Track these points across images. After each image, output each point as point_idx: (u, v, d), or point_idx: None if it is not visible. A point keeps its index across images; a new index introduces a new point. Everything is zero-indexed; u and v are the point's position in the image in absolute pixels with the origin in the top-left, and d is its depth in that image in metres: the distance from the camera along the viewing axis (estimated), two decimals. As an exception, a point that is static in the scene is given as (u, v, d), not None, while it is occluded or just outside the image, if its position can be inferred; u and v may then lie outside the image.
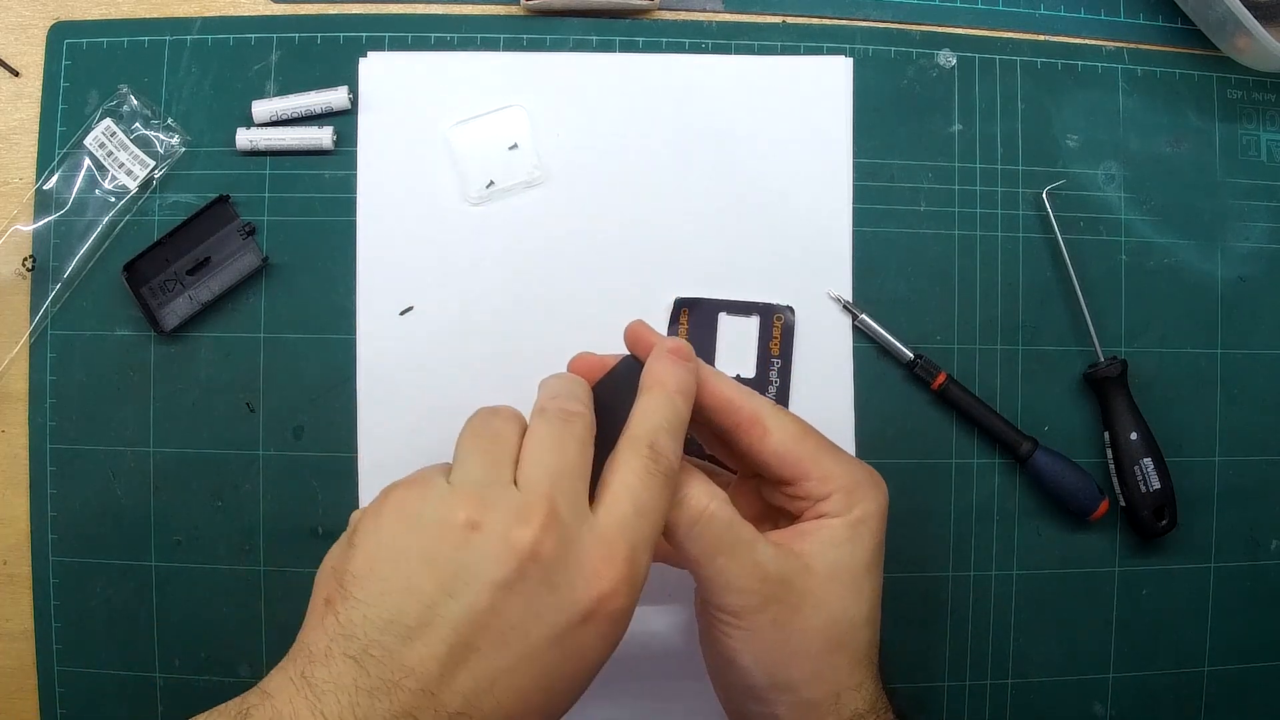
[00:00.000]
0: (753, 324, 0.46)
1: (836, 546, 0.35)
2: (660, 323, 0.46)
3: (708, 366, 0.36)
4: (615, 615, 0.29)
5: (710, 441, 0.39)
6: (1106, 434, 0.47)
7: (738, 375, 0.46)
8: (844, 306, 0.46)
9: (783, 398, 0.46)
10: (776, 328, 0.46)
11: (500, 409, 0.33)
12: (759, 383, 0.46)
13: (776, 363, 0.46)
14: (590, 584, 0.28)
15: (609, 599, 0.28)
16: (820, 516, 0.35)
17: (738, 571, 0.33)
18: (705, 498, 0.33)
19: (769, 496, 0.38)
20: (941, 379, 0.46)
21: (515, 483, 0.30)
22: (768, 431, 0.35)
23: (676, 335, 0.46)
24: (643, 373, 0.34)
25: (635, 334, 0.36)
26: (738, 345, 0.46)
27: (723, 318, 0.46)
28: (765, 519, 0.38)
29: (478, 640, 0.27)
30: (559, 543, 0.28)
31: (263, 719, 0.26)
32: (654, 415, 0.32)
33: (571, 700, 0.30)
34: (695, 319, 0.46)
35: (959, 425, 0.47)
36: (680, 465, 0.33)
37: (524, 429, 0.32)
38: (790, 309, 0.46)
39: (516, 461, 0.30)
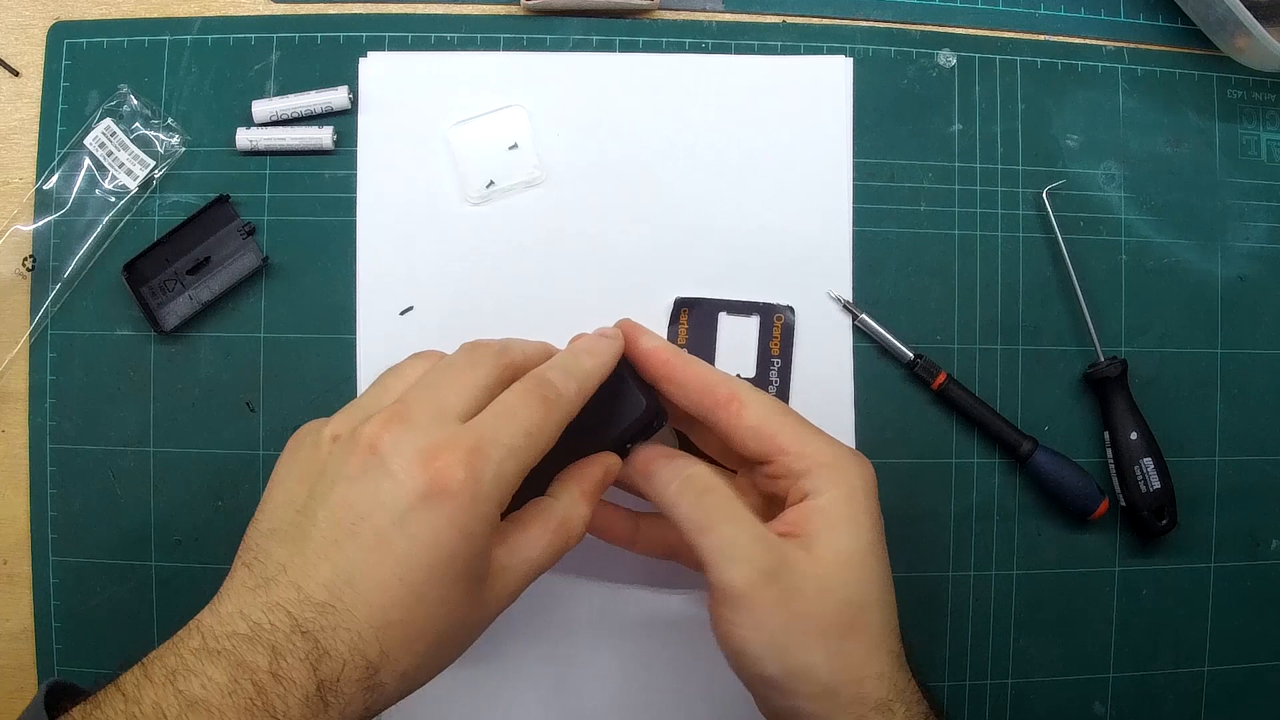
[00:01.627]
0: (753, 324, 0.46)
1: (835, 528, 0.34)
2: (660, 322, 0.46)
3: (684, 353, 0.38)
4: (455, 494, 0.29)
5: (699, 432, 0.40)
6: (1106, 434, 0.47)
7: (738, 375, 0.46)
8: (844, 306, 0.46)
9: (783, 397, 0.46)
10: (776, 327, 0.46)
11: (462, 354, 0.35)
12: (759, 382, 0.46)
13: (776, 362, 0.46)
14: (426, 465, 0.29)
15: (443, 474, 0.29)
16: (804, 496, 0.35)
17: (742, 538, 0.34)
18: (710, 474, 0.36)
19: (759, 485, 0.38)
20: (941, 379, 0.46)
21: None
22: (744, 406, 0.36)
23: (676, 335, 0.46)
24: (573, 342, 0.37)
25: (624, 330, 0.39)
26: (738, 345, 0.46)
27: (723, 318, 0.46)
28: (760, 515, 0.38)
29: (334, 533, 0.29)
30: (401, 434, 0.30)
31: (190, 638, 0.28)
32: (557, 359, 0.35)
33: (443, 624, 0.30)
34: (695, 319, 0.46)
35: (959, 425, 0.47)
36: (575, 397, 0.34)
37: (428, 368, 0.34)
38: (790, 309, 0.46)
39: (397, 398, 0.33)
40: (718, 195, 0.46)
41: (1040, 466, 0.46)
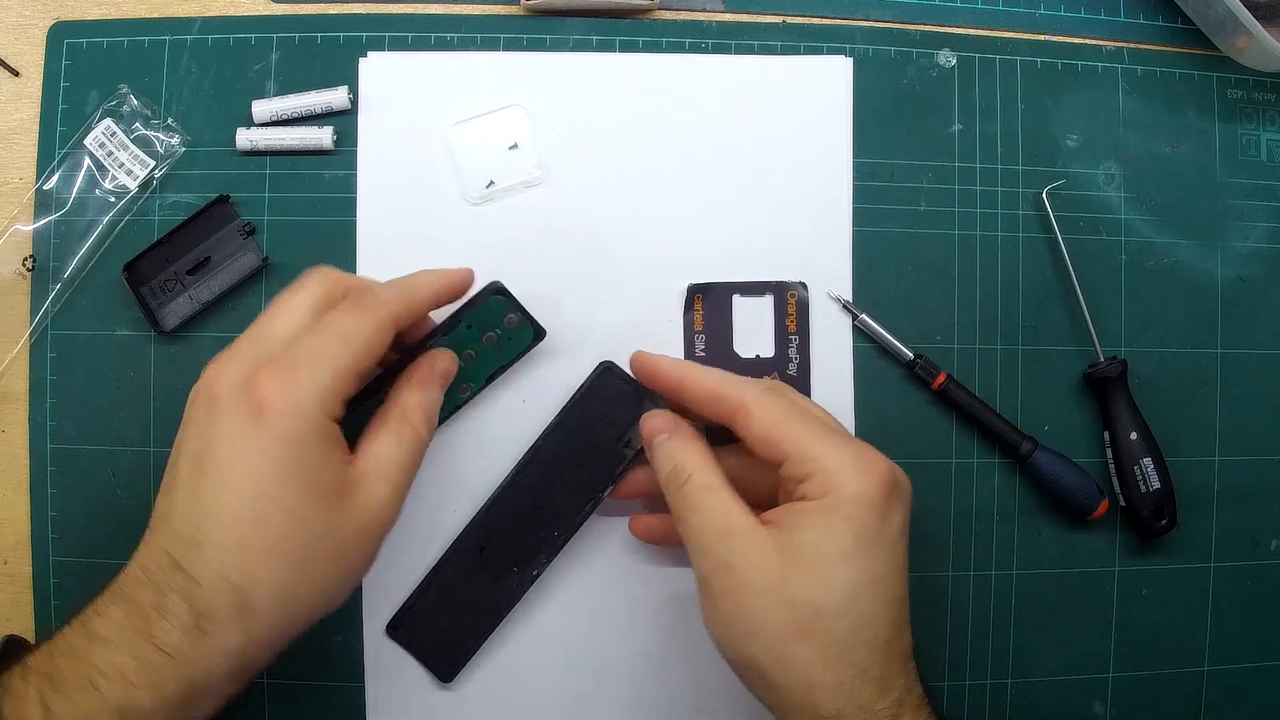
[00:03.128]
0: (767, 303, 0.46)
1: (807, 528, 0.34)
2: (668, 316, 0.46)
3: (695, 365, 0.39)
4: (273, 407, 0.31)
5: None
6: (1106, 434, 0.47)
7: (756, 355, 0.46)
8: (844, 306, 0.46)
9: (804, 374, 0.46)
10: (791, 304, 0.46)
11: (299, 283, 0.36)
12: (779, 361, 0.46)
13: (794, 339, 0.46)
14: (247, 390, 0.31)
15: (259, 391, 0.31)
16: (801, 499, 0.35)
17: (706, 529, 0.35)
18: (690, 465, 0.37)
19: (784, 487, 0.38)
20: (941, 379, 0.46)
21: None
22: (750, 415, 0.36)
23: (693, 321, 0.46)
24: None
25: (638, 361, 0.41)
26: (754, 326, 0.46)
27: (737, 300, 0.46)
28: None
29: (192, 475, 0.32)
30: (228, 369, 0.32)
31: (109, 588, 0.32)
32: (394, 280, 0.37)
33: (292, 514, 0.31)
34: (709, 303, 0.46)
35: (959, 425, 0.47)
36: (396, 300, 0.36)
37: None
38: (803, 284, 0.46)
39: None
40: (718, 195, 0.46)
41: (1040, 466, 0.46)
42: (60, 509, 0.45)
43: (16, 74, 0.46)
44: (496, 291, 0.42)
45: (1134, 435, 0.46)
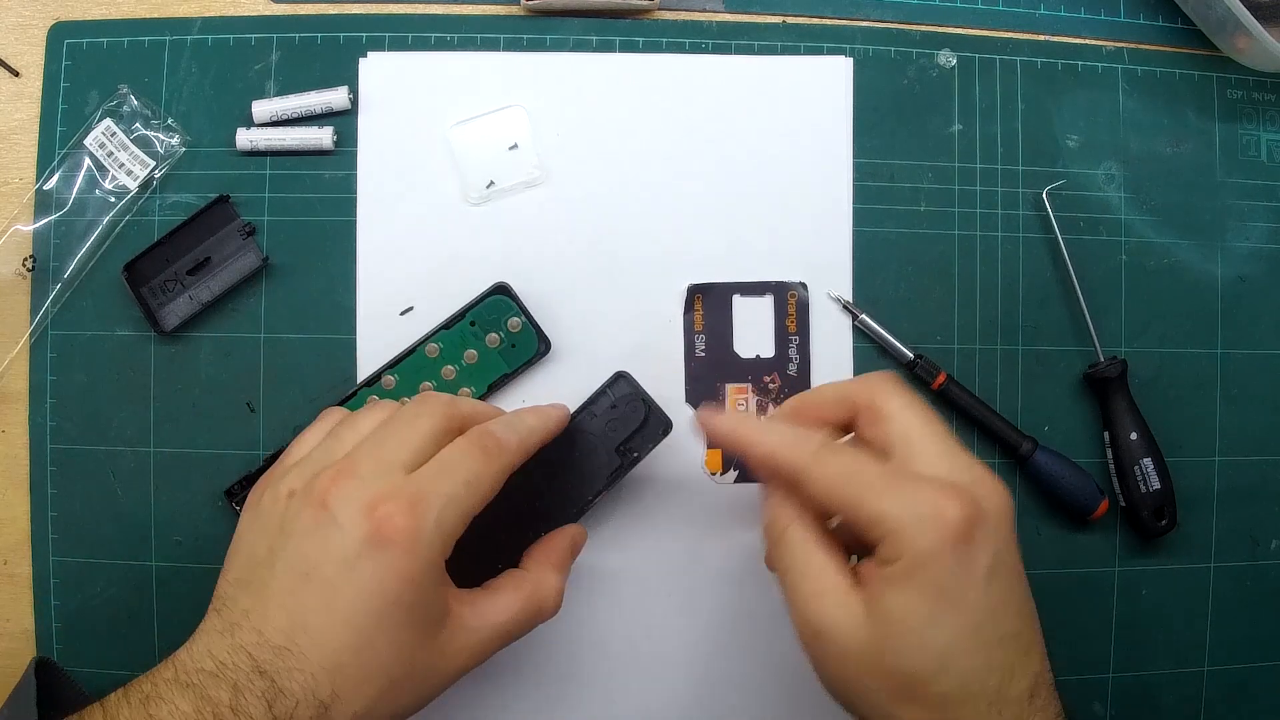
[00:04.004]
0: (767, 303, 0.46)
1: (888, 596, 0.32)
2: (667, 315, 0.46)
3: (749, 423, 0.37)
4: (397, 542, 0.31)
5: None
6: (1106, 434, 0.47)
7: (756, 355, 0.46)
8: (844, 306, 0.46)
9: (803, 374, 0.46)
10: (791, 304, 0.46)
11: (414, 405, 0.36)
12: (779, 361, 0.46)
13: (794, 339, 0.46)
14: (370, 515, 0.31)
15: (385, 523, 0.31)
16: (882, 563, 0.33)
17: (797, 588, 0.34)
18: (787, 516, 0.35)
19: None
20: (941, 379, 0.46)
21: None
22: (808, 484, 0.34)
23: (693, 322, 0.46)
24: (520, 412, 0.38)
25: (699, 419, 0.39)
26: (754, 326, 0.46)
27: (737, 300, 0.46)
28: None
29: (290, 583, 0.31)
30: (348, 488, 0.32)
31: (165, 670, 0.31)
32: (501, 417, 0.37)
33: (395, 666, 0.31)
34: (709, 303, 0.46)
35: (959, 425, 0.47)
36: (516, 449, 0.36)
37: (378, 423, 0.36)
38: (803, 284, 0.46)
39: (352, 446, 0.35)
40: (718, 196, 0.46)
41: (1040, 466, 0.46)
42: (60, 509, 0.45)
43: (16, 74, 0.46)
44: (499, 290, 0.42)
45: (1134, 435, 0.46)
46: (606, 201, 0.46)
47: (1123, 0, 0.49)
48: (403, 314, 0.45)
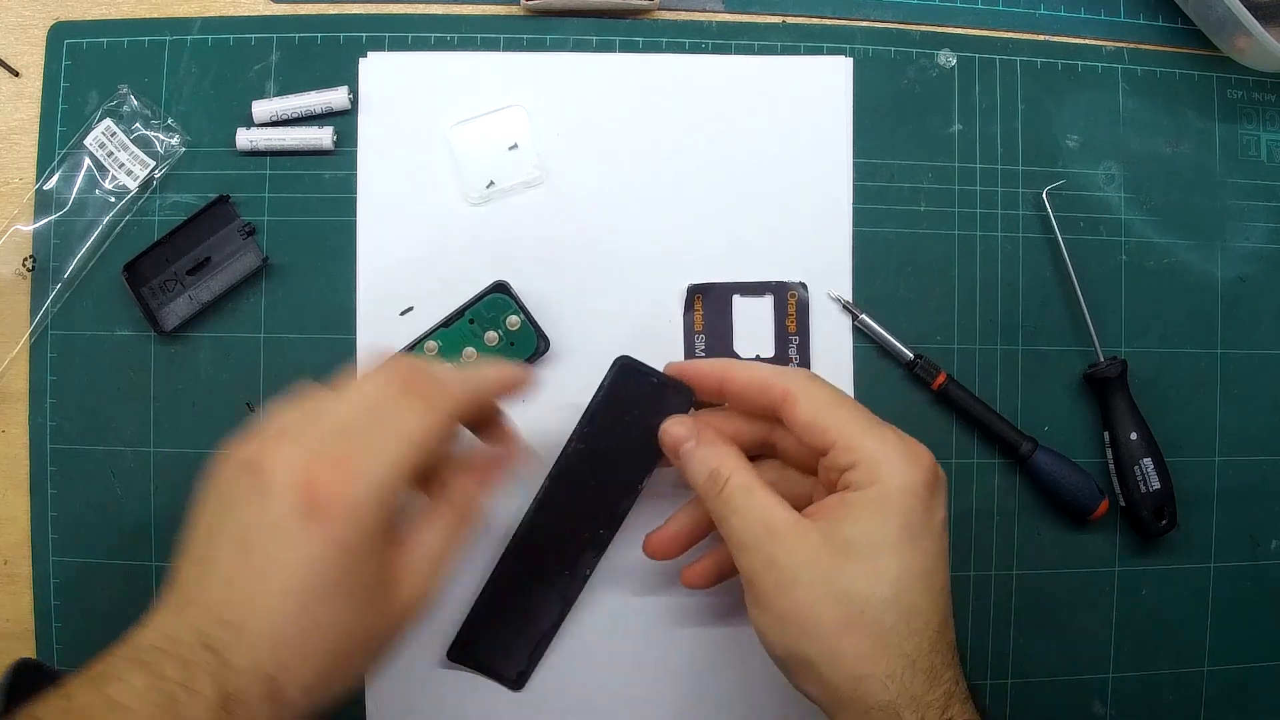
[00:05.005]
0: (767, 304, 0.46)
1: (853, 520, 0.34)
2: (667, 315, 0.46)
3: (738, 360, 0.41)
4: (329, 509, 0.30)
5: (780, 433, 0.40)
6: (1106, 434, 0.47)
7: (757, 355, 0.46)
8: (844, 307, 0.46)
9: None
10: (791, 304, 0.46)
11: (368, 374, 0.35)
12: (778, 361, 0.46)
13: (795, 339, 0.46)
14: (303, 483, 0.30)
15: (318, 493, 0.30)
16: (845, 489, 0.35)
17: (747, 529, 0.35)
18: (727, 468, 0.36)
19: (825, 478, 0.38)
20: (941, 379, 0.46)
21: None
22: (797, 401, 0.36)
23: (692, 322, 0.46)
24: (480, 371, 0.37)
25: (674, 369, 0.40)
26: (754, 326, 0.46)
27: (737, 300, 0.46)
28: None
29: (232, 556, 0.31)
30: (280, 451, 0.31)
31: (120, 648, 0.30)
32: (463, 370, 0.36)
33: (341, 635, 0.31)
34: (709, 303, 0.46)
35: (959, 425, 0.47)
36: (459, 394, 0.35)
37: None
38: (803, 285, 0.46)
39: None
40: (718, 196, 0.46)
41: (1040, 467, 0.46)
42: (60, 509, 0.45)
43: (16, 74, 0.46)
44: (498, 288, 0.42)
45: (1134, 435, 0.46)
46: (606, 201, 0.46)
47: (1123, 0, 0.49)
48: (402, 314, 0.45)
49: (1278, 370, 0.49)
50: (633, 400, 0.40)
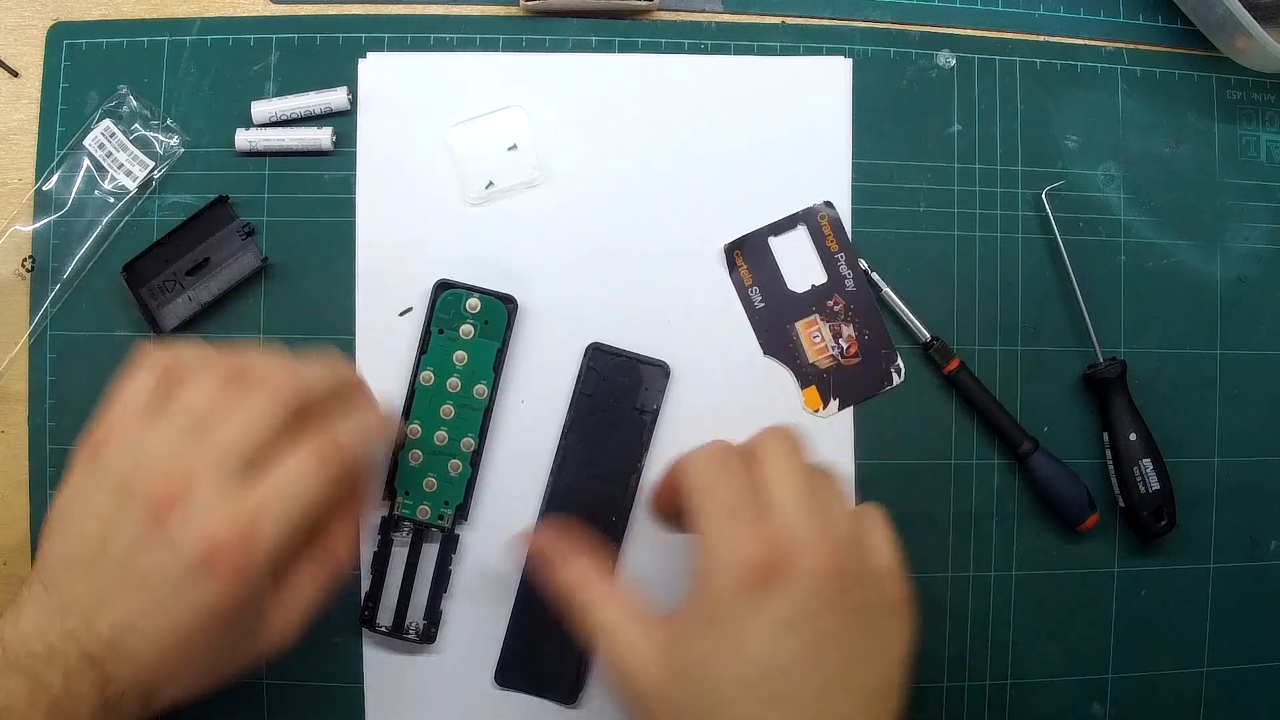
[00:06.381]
0: (802, 234, 0.46)
1: (677, 627, 0.33)
2: (665, 318, 0.46)
3: (675, 460, 0.37)
4: (226, 573, 0.32)
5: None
6: (1106, 434, 0.47)
7: (812, 285, 0.46)
8: (869, 279, 0.46)
9: (861, 286, 0.46)
10: (825, 225, 0.46)
11: (256, 379, 0.35)
12: (834, 284, 0.46)
13: (840, 256, 0.46)
14: (204, 540, 0.32)
15: (217, 554, 0.31)
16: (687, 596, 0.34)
17: (600, 648, 0.36)
18: (570, 584, 0.37)
19: None
20: (955, 364, 0.46)
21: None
22: (689, 498, 0.34)
23: (740, 278, 0.46)
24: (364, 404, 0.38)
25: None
26: (798, 259, 0.46)
27: (773, 241, 0.46)
28: None
29: (122, 584, 0.32)
30: (184, 508, 0.32)
31: (6, 641, 0.31)
32: (347, 413, 0.36)
33: (213, 661, 0.34)
34: (749, 255, 0.46)
35: (959, 425, 0.47)
36: (357, 458, 0.36)
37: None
38: (828, 203, 0.46)
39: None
40: (717, 196, 0.46)
41: (1036, 470, 0.46)
42: (60, 510, 0.45)
43: (16, 74, 0.46)
44: (443, 287, 0.43)
45: (1133, 436, 0.46)
46: (606, 202, 0.46)
47: (1122, 0, 0.49)
48: (402, 314, 0.45)
49: (1278, 370, 0.49)
50: (613, 383, 0.41)
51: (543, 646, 0.44)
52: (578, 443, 0.42)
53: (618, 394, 0.41)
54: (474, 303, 0.43)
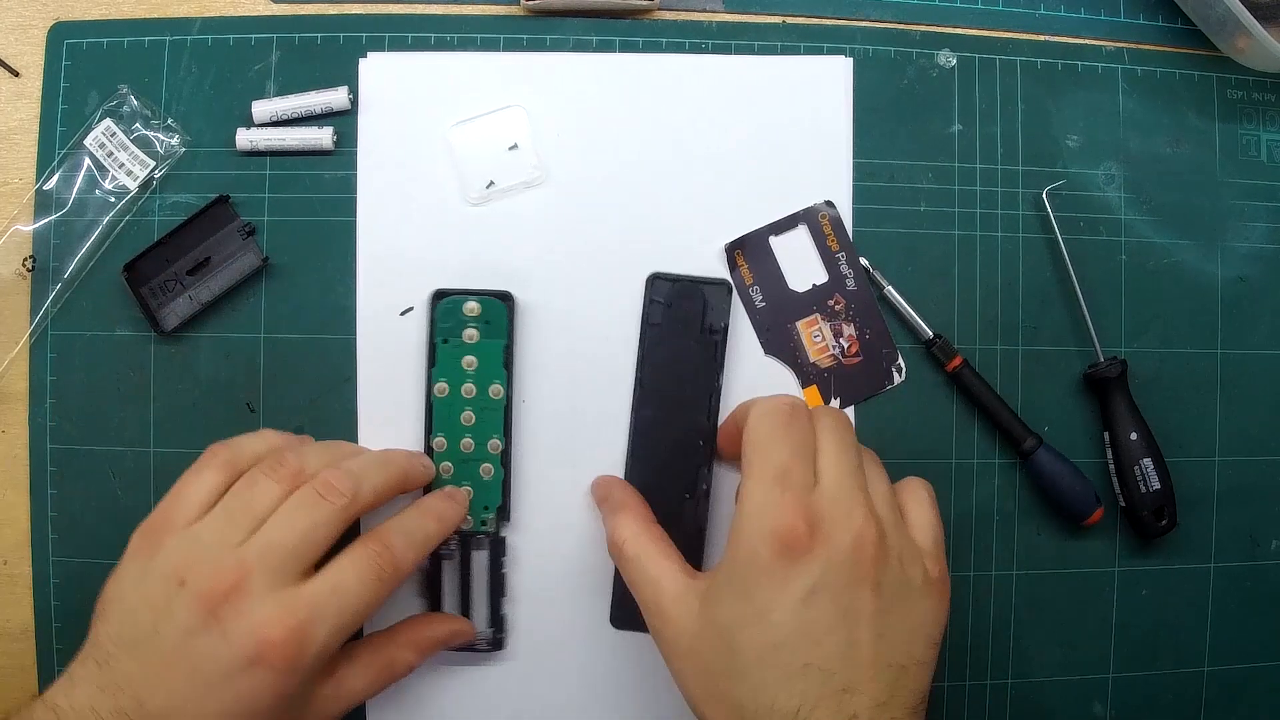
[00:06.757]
0: (803, 233, 0.46)
1: (711, 590, 0.35)
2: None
3: (740, 405, 0.41)
4: (277, 667, 0.33)
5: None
6: (1106, 434, 0.47)
7: (812, 285, 0.46)
8: (870, 277, 0.46)
9: (863, 286, 0.46)
10: (826, 224, 0.46)
11: (321, 484, 0.37)
12: (835, 283, 0.46)
13: (841, 255, 0.46)
14: (256, 635, 0.33)
15: (269, 649, 0.33)
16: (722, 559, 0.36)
17: (640, 596, 0.37)
18: (619, 536, 0.38)
19: None
20: (958, 361, 0.46)
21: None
22: (745, 436, 0.37)
23: (741, 278, 0.46)
24: (424, 500, 0.41)
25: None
26: (799, 258, 0.46)
27: (774, 241, 0.46)
28: None
29: (172, 668, 0.33)
30: (238, 604, 0.34)
31: (39, 709, 0.33)
32: (405, 521, 0.39)
33: None
34: (749, 254, 0.46)
35: (959, 425, 0.47)
36: (410, 566, 0.38)
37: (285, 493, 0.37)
38: (828, 202, 0.46)
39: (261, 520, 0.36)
40: (718, 195, 0.46)
41: (1040, 466, 0.46)
42: (60, 509, 0.45)
43: (16, 74, 0.46)
44: (440, 296, 0.43)
45: (1134, 435, 0.46)
46: (606, 202, 0.46)
47: (1123, 0, 0.49)
48: (403, 314, 0.45)
49: (1278, 370, 0.49)
50: (677, 309, 0.41)
51: None
52: (652, 375, 0.43)
53: (684, 319, 0.42)
54: (473, 306, 0.43)
